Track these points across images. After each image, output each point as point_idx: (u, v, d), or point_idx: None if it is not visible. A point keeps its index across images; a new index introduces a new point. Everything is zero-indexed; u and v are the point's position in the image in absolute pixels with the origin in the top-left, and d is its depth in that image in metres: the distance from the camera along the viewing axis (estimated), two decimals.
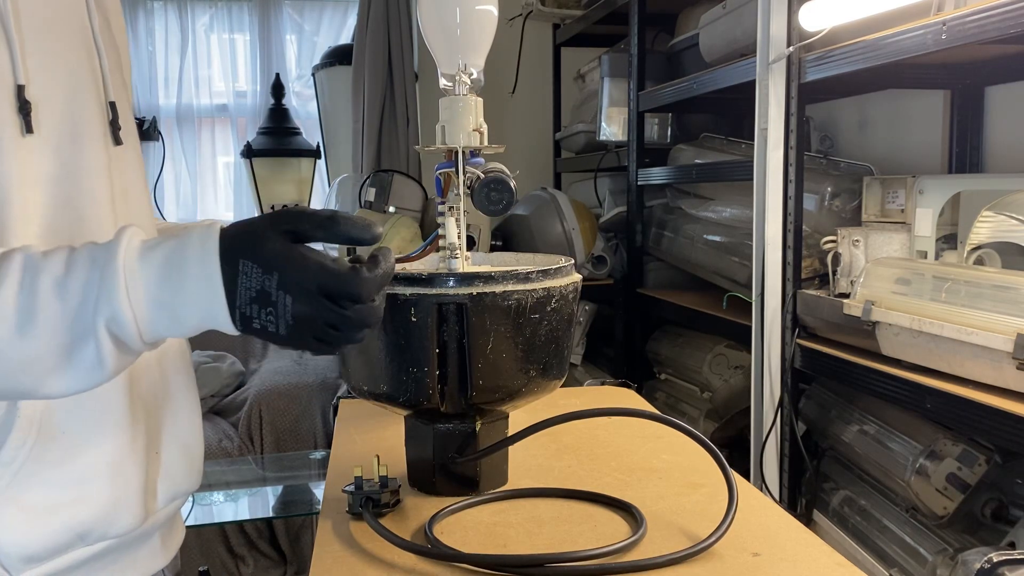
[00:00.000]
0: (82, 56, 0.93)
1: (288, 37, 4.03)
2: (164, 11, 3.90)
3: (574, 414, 1.02)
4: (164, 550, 1.03)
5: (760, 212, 1.89)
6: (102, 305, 0.75)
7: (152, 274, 0.77)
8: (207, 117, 4.03)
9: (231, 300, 0.76)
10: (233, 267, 0.76)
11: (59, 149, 0.88)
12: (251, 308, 0.76)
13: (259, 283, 0.76)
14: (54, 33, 0.90)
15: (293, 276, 0.76)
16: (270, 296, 0.76)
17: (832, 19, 1.64)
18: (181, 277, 0.76)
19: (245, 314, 0.76)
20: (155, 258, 0.77)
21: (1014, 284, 1.31)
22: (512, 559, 0.86)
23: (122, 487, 0.91)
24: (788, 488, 1.85)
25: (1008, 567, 1.02)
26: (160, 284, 0.76)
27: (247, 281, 0.76)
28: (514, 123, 3.73)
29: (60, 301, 0.75)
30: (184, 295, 0.76)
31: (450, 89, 1.00)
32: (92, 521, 0.89)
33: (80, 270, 0.76)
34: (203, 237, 0.77)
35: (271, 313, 0.76)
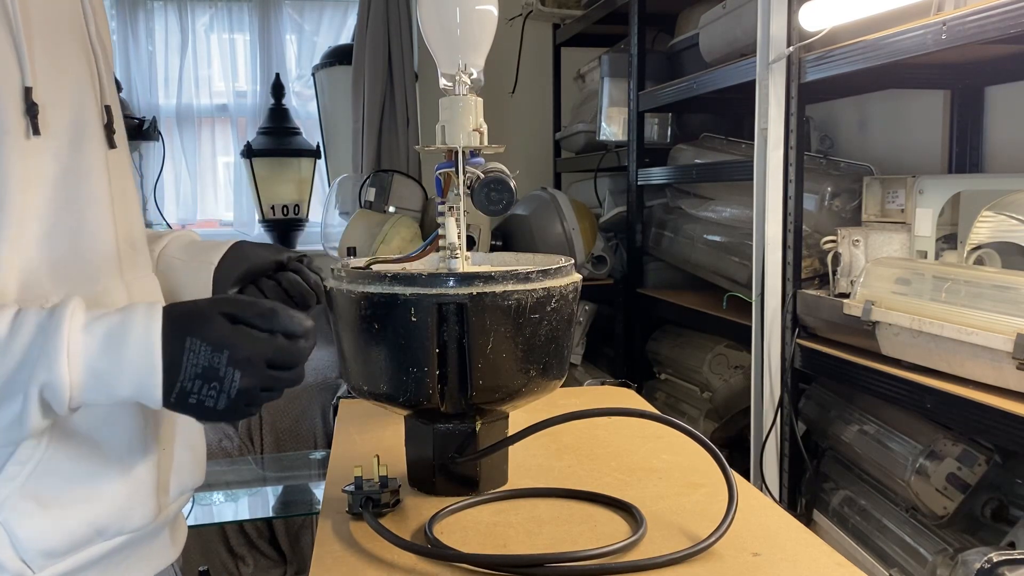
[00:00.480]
0: (82, 60, 0.94)
1: (288, 37, 4.03)
2: (164, 11, 3.90)
3: (574, 414, 1.02)
4: (173, 545, 1.05)
5: (760, 212, 1.89)
6: (40, 370, 0.78)
7: (93, 345, 0.80)
8: (207, 117, 4.03)
9: (171, 376, 0.80)
10: (179, 344, 0.80)
11: (62, 151, 0.89)
12: (194, 383, 0.80)
13: (207, 360, 0.80)
14: (58, 37, 0.91)
15: (243, 353, 0.81)
16: (218, 372, 0.80)
17: (832, 19, 1.64)
18: (121, 351, 0.80)
19: (186, 389, 0.80)
20: (98, 330, 0.80)
21: (1014, 284, 1.31)
22: (512, 559, 0.86)
23: (136, 483, 0.93)
24: (788, 488, 1.85)
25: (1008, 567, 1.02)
26: (100, 355, 0.79)
27: (194, 358, 0.80)
28: (514, 123, 3.73)
29: (1, 359, 0.78)
30: (122, 368, 0.80)
31: (450, 89, 1.00)
32: (108, 516, 0.91)
33: (24, 334, 0.79)
34: (147, 315, 0.81)
35: (214, 388, 0.80)
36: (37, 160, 0.87)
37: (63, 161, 0.89)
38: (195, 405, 0.81)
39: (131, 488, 0.93)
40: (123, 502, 0.92)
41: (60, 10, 0.92)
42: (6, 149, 0.83)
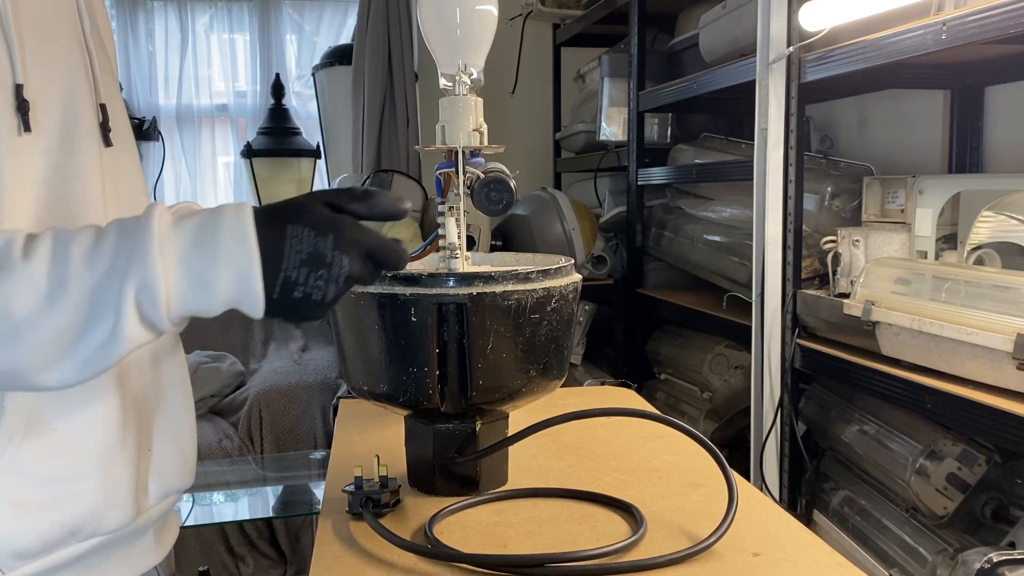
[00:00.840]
0: (76, 58, 0.94)
1: (288, 37, 4.03)
2: (164, 11, 3.91)
3: (574, 414, 1.02)
4: (158, 547, 1.03)
5: (760, 212, 1.89)
6: (133, 268, 0.73)
7: (186, 240, 0.76)
8: (207, 117, 4.03)
9: (272, 269, 0.75)
10: (279, 232, 0.76)
11: (53, 149, 0.88)
12: (299, 272, 0.76)
13: (312, 245, 0.76)
14: (50, 35, 0.91)
15: (350, 235, 0.77)
16: (324, 257, 0.76)
17: (832, 19, 1.64)
18: (215, 244, 0.75)
19: (291, 279, 0.76)
20: (188, 226, 0.76)
21: (1014, 284, 1.31)
22: (512, 559, 0.86)
23: (112, 484, 0.91)
24: (788, 488, 1.85)
25: (1008, 567, 1.02)
26: (193, 250, 0.75)
27: (297, 244, 0.76)
28: (514, 123, 3.73)
29: (89, 270, 0.74)
30: (217, 261, 0.75)
31: (450, 89, 1.00)
32: (83, 517, 0.89)
33: (110, 240, 0.75)
34: (237, 209, 0.77)
35: (321, 277, 0.76)
36: (28, 158, 0.86)
37: (54, 159, 0.88)
38: (300, 300, 0.76)
39: (107, 489, 0.91)
40: (98, 503, 0.90)
41: (53, 8, 0.92)
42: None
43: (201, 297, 0.76)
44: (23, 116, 0.85)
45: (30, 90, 0.86)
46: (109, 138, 0.97)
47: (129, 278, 0.73)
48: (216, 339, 3.56)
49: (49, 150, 0.88)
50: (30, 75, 0.86)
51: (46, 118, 0.88)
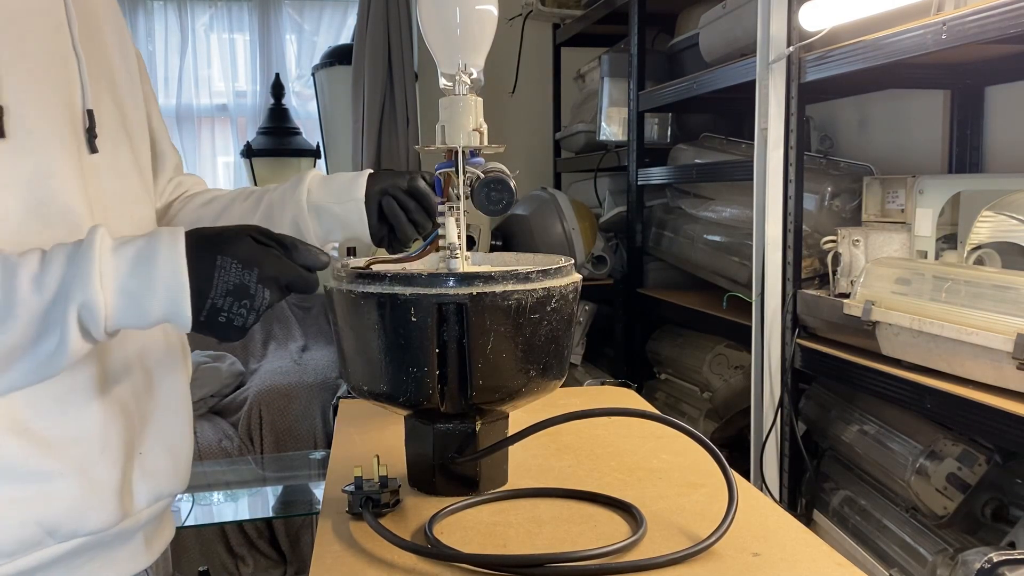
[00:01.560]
0: (59, 64, 0.93)
1: (288, 37, 4.03)
2: (164, 11, 3.91)
3: (574, 414, 1.02)
4: (148, 550, 1.02)
5: (760, 212, 1.89)
6: (75, 292, 0.79)
7: (123, 266, 0.82)
8: (207, 117, 4.03)
9: (201, 294, 0.82)
10: (209, 262, 0.83)
11: (31, 155, 0.88)
12: (225, 301, 0.83)
13: (238, 277, 0.83)
14: (27, 40, 0.90)
15: (271, 272, 0.84)
16: (248, 289, 0.83)
17: (832, 19, 1.64)
18: (150, 271, 0.82)
19: (216, 306, 0.83)
20: (126, 253, 0.82)
21: (1014, 284, 1.31)
22: (512, 559, 0.86)
23: (92, 485, 0.91)
24: (788, 488, 1.85)
25: (1008, 567, 1.02)
26: (130, 275, 0.82)
27: (225, 275, 0.83)
28: (514, 123, 3.73)
29: (37, 295, 0.79)
30: (152, 287, 0.82)
31: (450, 89, 1.00)
32: (60, 518, 0.89)
33: (56, 266, 0.81)
34: (172, 236, 0.84)
35: (244, 305, 0.83)
36: (4, 159, 0.86)
37: (33, 165, 0.88)
38: (223, 324, 0.83)
39: (86, 490, 0.90)
40: (77, 503, 0.90)
41: (32, 11, 0.91)
42: None
43: (135, 316, 0.83)
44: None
45: (6, 94, 0.85)
46: (95, 144, 0.96)
47: (72, 301, 0.80)
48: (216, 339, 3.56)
49: (27, 155, 0.88)
50: (7, 78, 0.86)
51: (22, 123, 0.87)
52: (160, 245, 0.83)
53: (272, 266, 0.85)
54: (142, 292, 0.82)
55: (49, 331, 0.80)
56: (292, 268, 0.86)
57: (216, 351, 3.43)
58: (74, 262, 0.81)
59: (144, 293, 0.82)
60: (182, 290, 0.82)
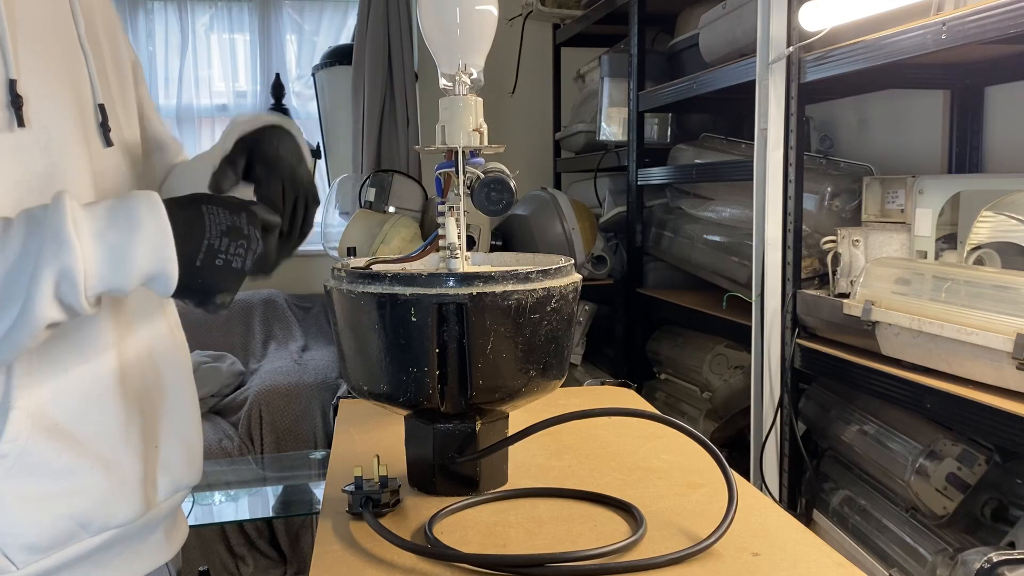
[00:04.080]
0: (69, 59, 0.94)
1: (288, 37, 4.03)
2: (164, 11, 3.91)
3: (574, 414, 1.02)
4: (168, 544, 1.05)
5: (760, 212, 1.89)
6: (47, 250, 0.75)
7: (99, 218, 0.78)
8: (207, 117, 4.03)
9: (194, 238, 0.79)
10: (195, 209, 0.81)
11: (45, 145, 0.89)
12: (222, 241, 0.81)
13: (228, 219, 0.82)
14: (43, 34, 0.91)
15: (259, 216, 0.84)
16: (242, 230, 0.82)
17: (832, 19, 1.64)
18: (130, 219, 0.78)
19: (214, 247, 0.80)
20: (99, 208, 0.79)
21: (1014, 284, 1.31)
22: (512, 559, 0.86)
23: (119, 478, 0.93)
24: (788, 488, 1.85)
25: (1008, 567, 1.02)
26: (108, 225, 0.78)
27: (216, 218, 0.81)
28: (514, 123, 3.73)
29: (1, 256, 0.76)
30: (135, 234, 0.78)
31: (450, 89, 1.00)
32: (91, 510, 0.91)
33: (19, 226, 0.77)
34: (146, 193, 0.81)
35: (241, 246, 0.82)
36: (21, 152, 0.87)
37: (47, 155, 0.89)
38: (220, 267, 0.80)
39: (114, 482, 0.92)
40: (106, 496, 0.91)
41: (45, 8, 0.92)
42: None
43: (119, 271, 0.78)
44: (17, 111, 0.85)
45: (24, 86, 0.86)
46: (110, 138, 0.98)
47: (44, 260, 0.75)
48: (216, 339, 3.57)
49: (43, 148, 0.88)
50: (24, 71, 0.87)
51: (39, 115, 0.88)
52: (136, 197, 0.80)
53: (254, 213, 0.84)
54: (124, 241, 0.77)
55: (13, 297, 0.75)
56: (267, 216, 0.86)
57: (216, 351, 3.43)
58: (39, 221, 0.76)
59: (127, 242, 0.77)
60: (167, 236, 0.78)
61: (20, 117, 0.86)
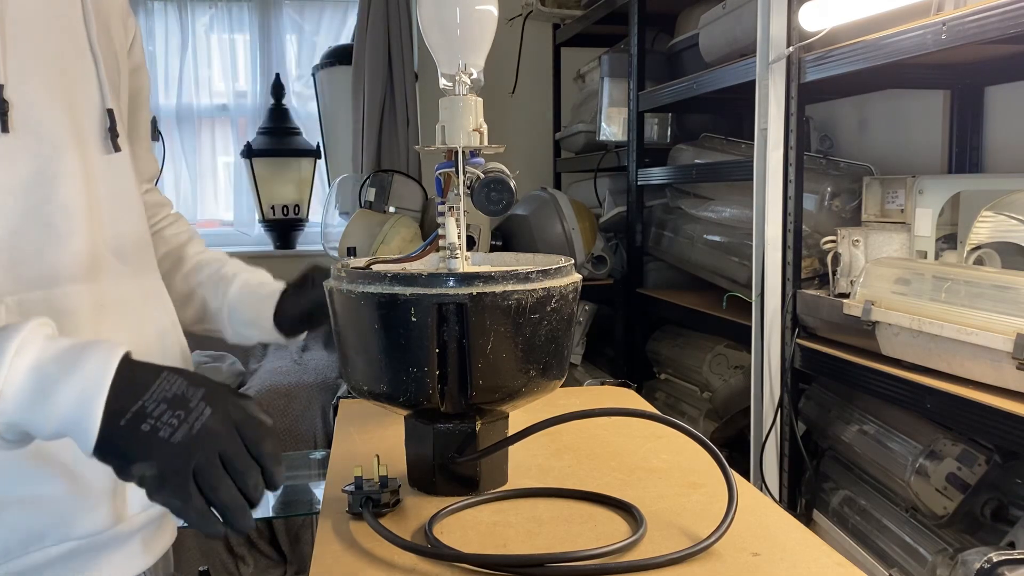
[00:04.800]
0: (76, 61, 0.93)
1: (288, 37, 4.03)
2: (164, 11, 3.90)
3: (574, 414, 1.02)
4: (146, 553, 1.01)
5: (760, 212, 1.89)
6: None
7: (50, 352, 0.74)
8: (207, 117, 4.03)
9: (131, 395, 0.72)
10: (154, 371, 0.74)
11: (37, 152, 0.88)
12: (158, 407, 0.72)
13: (180, 389, 0.74)
14: (47, 38, 0.90)
15: (223, 399, 0.75)
16: (188, 401, 0.73)
17: (832, 19, 1.64)
18: (76, 361, 0.73)
19: (145, 409, 0.72)
20: (63, 343, 0.75)
21: (1014, 284, 1.31)
22: (512, 559, 0.86)
23: (82, 488, 0.90)
24: (788, 488, 1.85)
25: (1008, 567, 1.02)
26: (52, 361, 0.73)
27: (167, 384, 0.74)
28: (514, 123, 3.73)
29: None
30: (70, 377, 0.72)
31: (450, 89, 1.00)
32: (48, 521, 0.88)
33: None
34: (115, 345, 0.76)
35: (178, 416, 0.72)
36: (6, 159, 0.85)
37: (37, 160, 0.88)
38: (145, 434, 0.71)
39: (76, 493, 0.89)
40: (66, 507, 0.89)
41: (51, 14, 0.91)
42: None
43: (37, 406, 0.72)
44: (2, 116, 0.84)
45: (11, 91, 0.85)
46: (117, 143, 0.97)
47: None
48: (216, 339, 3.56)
49: (31, 154, 0.87)
50: (13, 75, 0.86)
51: (33, 120, 0.87)
52: (100, 344, 0.75)
53: (225, 396, 0.75)
54: (54, 380, 0.71)
55: None
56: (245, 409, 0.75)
57: (216, 351, 3.43)
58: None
59: (56, 382, 0.71)
60: (99, 387, 0.71)
61: (5, 123, 0.84)
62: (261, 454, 0.74)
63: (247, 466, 0.73)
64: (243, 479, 0.72)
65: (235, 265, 1.24)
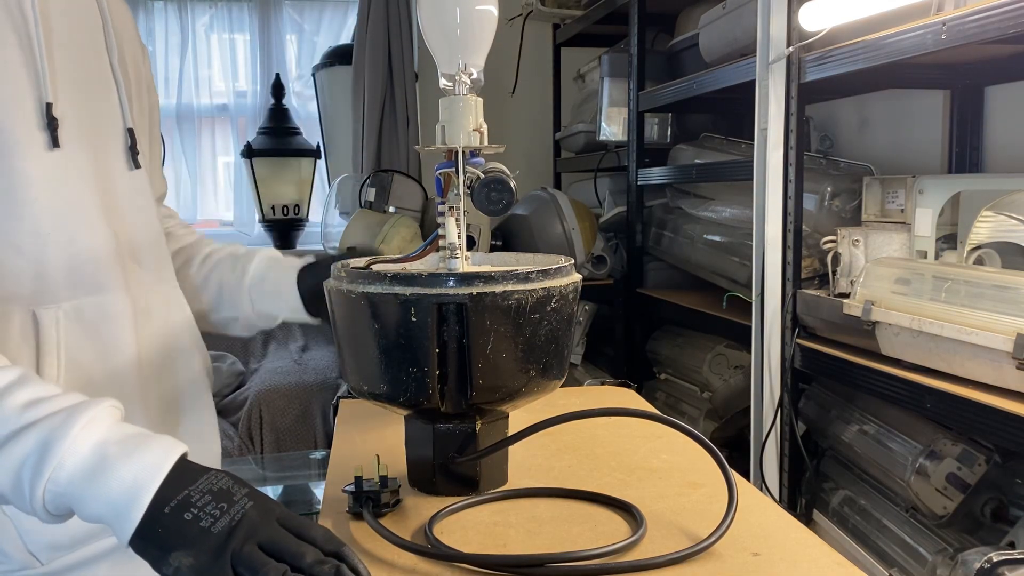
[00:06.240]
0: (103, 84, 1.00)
1: (288, 37, 4.03)
2: (164, 11, 3.91)
3: (574, 414, 1.02)
4: None
5: (760, 212, 1.89)
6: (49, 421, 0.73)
7: (116, 434, 0.75)
8: (207, 117, 4.03)
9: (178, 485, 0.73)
10: (198, 471, 0.75)
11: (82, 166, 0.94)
12: (202, 497, 0.73)
13: (227, 484, 0.75)
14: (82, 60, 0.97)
15: (264, 496, 0.76)
16: (232, 495, 0.74)
17: (832, 19, 1.64)
18: (140, 446, 0.75)
19: (190, 500, 0.72)
20: (129, 428, 0.77)
21: (1014, 284, 1.31)
22: (512, 559, 0.86)
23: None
24: (788, 488, 1.85)
25: (1008, 567, 1.02)
26: (117, 443, 0.75)
27: (214, 480, 0.75)
28: (514, 123, 3.73)
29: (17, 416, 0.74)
30: (130, 459, 0.74)
31: (450, 89, 1.00)
32: None
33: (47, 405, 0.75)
34: (174, 440, 0.77)
35: (220, 508, 0.72)
36: (57, 172, 0.91)
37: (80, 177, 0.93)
38: (187, 523, 0.71)
39: None
40: None
41: (82, 37, 0.98)
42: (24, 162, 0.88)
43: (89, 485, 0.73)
44: (52, 133, 0.89)
45: (59, 109, 0.91)
46: (138, 160, 1.03)
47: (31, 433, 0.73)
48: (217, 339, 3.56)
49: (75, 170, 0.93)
50: (60, 95, 0.91)
51: (74, 137, 0.93)
52: (165, 439, 0.77)
53: (266, 499, 0.76)
54: (115, 458, 0.73)
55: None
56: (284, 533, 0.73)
57: (216, 351, 3.43)
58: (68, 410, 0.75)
59: (115, 462, 0.73)
60: (153, 476, 0.73)
61: (56, 139, 0.89)
62: (315, 539, 0.73)
63: (296, 547, 0.72)
64: (295, 560, 0.71)
65: (252, 248, 1.28)
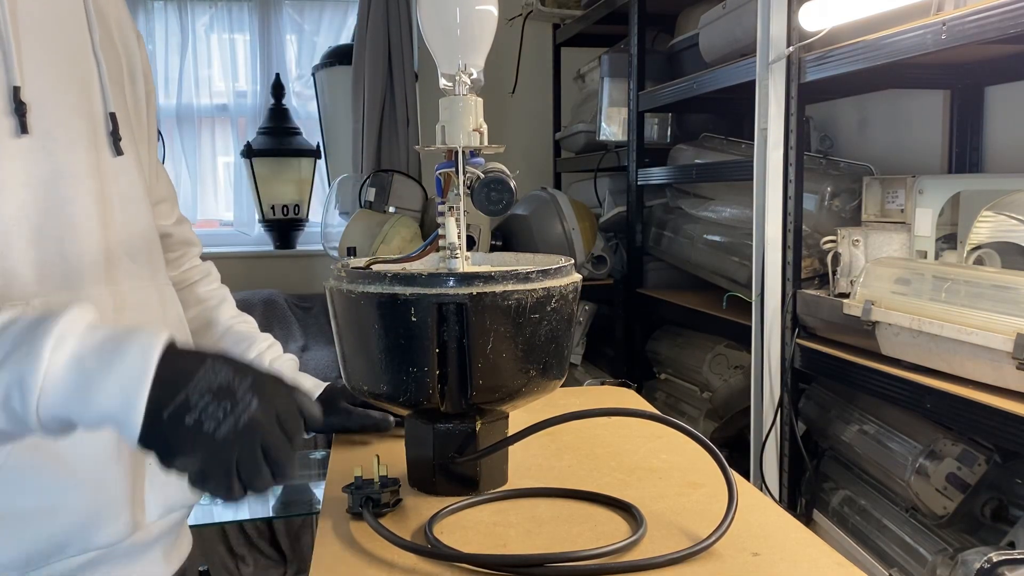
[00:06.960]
0: (80, 66, 0.94)
1: (288, 37, 4.03)
2: (164, 11, 3.90)
3: (574, 414, 1.02)
4: (166, 563, 1.02)
5: (760, 212, 1.89)
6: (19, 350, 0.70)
7: (90, 343, 0.72)
8: (207, 117, 4.02)
9: (174, 386, 0.70)
10: (197, 360, 0.72)
11: (53, 153, 0.89)
12: (202, 398, 0.70)
13: (226, 379, 0.71)
14: (55, 42, 0.91)
15: (270, 388, 0.73)
16: (234, 393, 0.71)
17: (832, 19, 1.64)
18: (116, 353, 0.71)
19: (190, 401, 0.69)
20: (101, 332, 0.73)
21: (1014, 284, 1.31)
22: (512, 559, 0.86)
23: (105, 497, 0.90)
24: (788, 488, 1.85)
25: (1008, 567, 1.02)
26: (93, 352, 0.71)
27: (211, 374, 0.71)
28: (514, 123, 3.73)
29: None
30: (111, 370, 0.71)
31: (450, 89, 1.00)
32: (70, 532, 0.88)
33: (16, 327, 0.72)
34: (157, 332, 0.74)
35: (223, 408, 0.70)
36: (25, 160, 0.86)
37: (52, 160, 0.88)
38: (189, 427, 0.69)
39: (98, 503, 0.89)
40: (87, 518, 0.89)
41: (58, 16, 0.92)
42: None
43: (79, 399, 0.70)
44: (20, 118, 0.85)
45: (28, 93, 0.86)
46: (120, 147, 0.98)
47: (7, 364, 0.70)
48: None
49: (47, 155, 0.88)
50: (28, 77, 0.87)
51: (45, 122, 0.88)
52: (140, 333, 0.73)
53: (271, 384, 0.73)
54: (96, 373, 0.70)
55: None
56: (293, 398, 0.75)
57: None
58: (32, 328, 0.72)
59: (97, 374, 0.70)
60: (141, 382, 0.69)
61: (24, 124, 0.85)
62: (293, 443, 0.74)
63: (286, 457, 0.73)
64: (280, 470, 0.73)
65: (265, 344, 1.25)
